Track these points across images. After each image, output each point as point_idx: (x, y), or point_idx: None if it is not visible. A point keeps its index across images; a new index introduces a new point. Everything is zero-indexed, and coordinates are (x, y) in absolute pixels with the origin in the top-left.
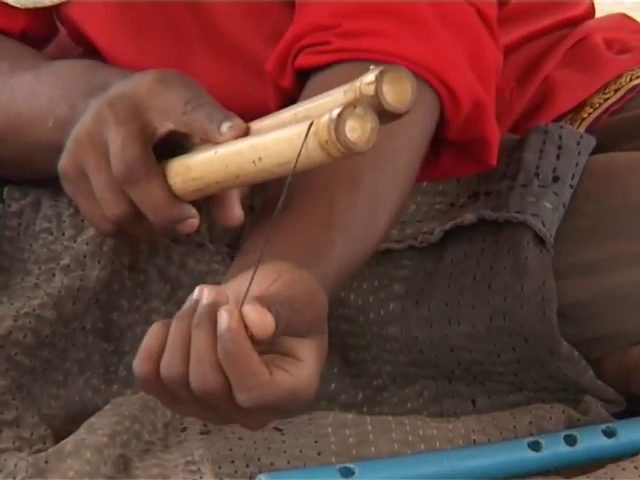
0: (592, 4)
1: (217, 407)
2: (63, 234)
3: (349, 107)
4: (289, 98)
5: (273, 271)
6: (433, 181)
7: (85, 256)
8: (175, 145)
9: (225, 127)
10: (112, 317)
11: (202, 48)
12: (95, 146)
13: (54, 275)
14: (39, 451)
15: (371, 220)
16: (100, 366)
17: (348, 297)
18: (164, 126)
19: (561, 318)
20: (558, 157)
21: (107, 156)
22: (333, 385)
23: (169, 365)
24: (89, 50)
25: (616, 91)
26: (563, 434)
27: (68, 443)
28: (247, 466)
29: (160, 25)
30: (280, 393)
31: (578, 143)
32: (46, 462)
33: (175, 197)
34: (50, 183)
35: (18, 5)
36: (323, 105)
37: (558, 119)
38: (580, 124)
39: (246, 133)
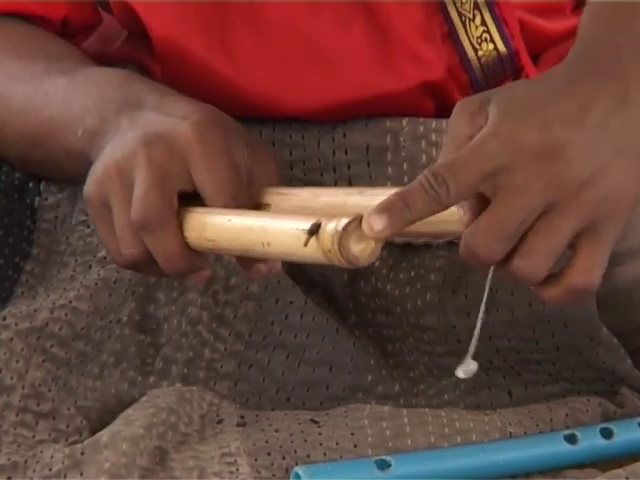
0: None
1: None
2: None
3: (355, 220)
4: None
5: None
6: None
7: None
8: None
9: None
10: (149, 309)
11: (244, 20)
12: (122, 182)
13: (90, 267)
14: (75, 443)
15: None
16: (136, 358)
17: (385, 288)
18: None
19: (599, 307)
20: None
21: (132, 195)
22: (370, 377)
23: None
24: (134, 31)
25: None
26: (599, 427)
27: (104, 435)
28: (283, 458)
29: None
30: None
31: None
32: (82, 453)
33: (188, 249)
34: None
35: None
36: (341, 205)
37: None
38: None
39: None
